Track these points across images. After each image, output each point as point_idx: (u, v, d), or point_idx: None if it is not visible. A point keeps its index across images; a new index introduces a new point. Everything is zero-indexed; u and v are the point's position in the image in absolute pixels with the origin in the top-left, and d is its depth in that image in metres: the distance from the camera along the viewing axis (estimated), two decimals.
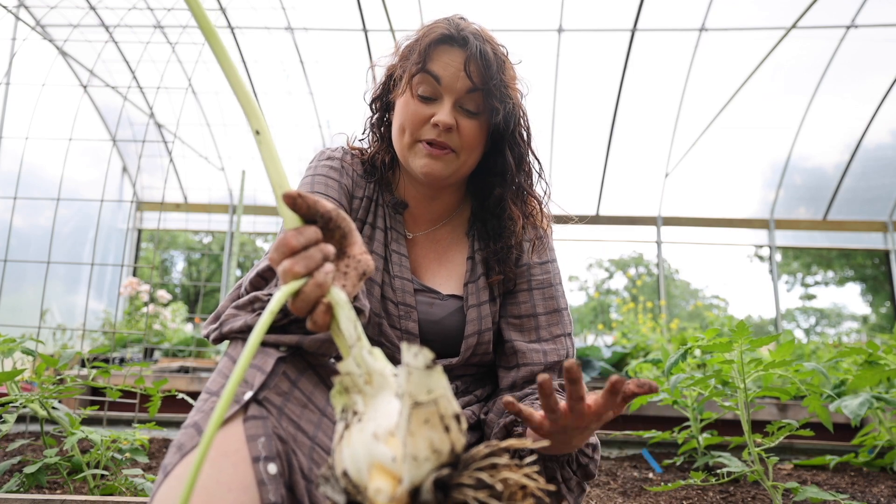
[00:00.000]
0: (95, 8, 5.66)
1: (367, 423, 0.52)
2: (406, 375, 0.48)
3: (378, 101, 1.13)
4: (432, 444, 0.46)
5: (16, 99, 5.55)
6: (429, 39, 1.01)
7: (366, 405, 0.54)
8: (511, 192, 1.08)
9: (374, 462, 0.48)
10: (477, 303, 1.07)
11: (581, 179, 7.53)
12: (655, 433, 2.07)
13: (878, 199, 7.27)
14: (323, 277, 0.59)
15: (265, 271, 0.81)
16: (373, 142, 1.15)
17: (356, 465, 0.49)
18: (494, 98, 1.00)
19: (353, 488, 0.48)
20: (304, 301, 0.58)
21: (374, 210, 1.11)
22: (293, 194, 0.61)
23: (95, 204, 6.57)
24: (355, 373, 0.56)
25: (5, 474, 1.61)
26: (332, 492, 0.51)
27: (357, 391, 0.55)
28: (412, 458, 0.46)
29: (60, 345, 5.33)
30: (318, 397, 0.76)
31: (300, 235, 0.60)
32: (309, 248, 0.60)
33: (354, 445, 0.50)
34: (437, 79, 1.00)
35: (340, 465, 0.50)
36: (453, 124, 0.99)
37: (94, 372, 1.70)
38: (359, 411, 0.54)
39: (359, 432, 0.51)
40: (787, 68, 6.46)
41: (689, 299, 20.22)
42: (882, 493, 1.73)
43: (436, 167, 1.01)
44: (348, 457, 0.50)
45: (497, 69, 1.00)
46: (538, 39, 6.25)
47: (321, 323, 0.59)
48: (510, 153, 1.06)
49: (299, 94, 6.91)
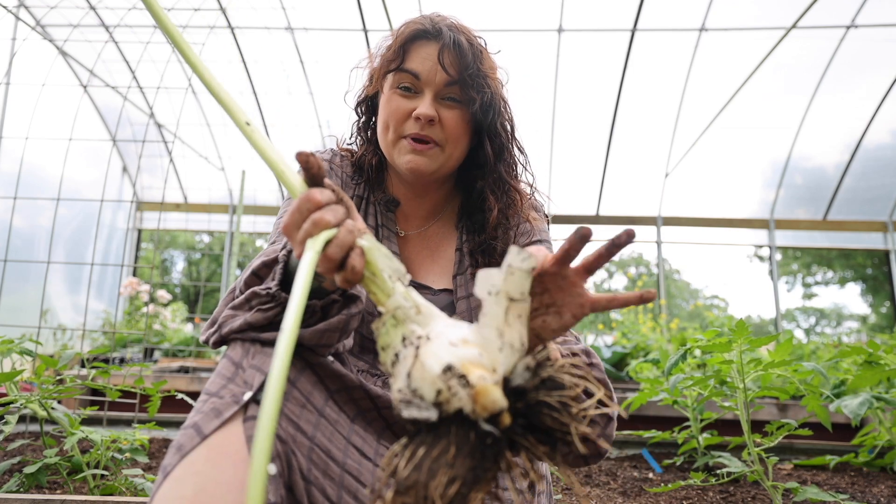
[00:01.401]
0: (95, 8, 5.65)
1: (438, 338, 0.55)
2: (506, 275, 0.55)
3: (363, 104, 1.14)
4: (521, 337, 0.54)
5: (16, 99, 5.55)
6: (404, 36, 1.02)
7: (425, 329, 0.57)
8: (490, 181, 1.08)
9: (464, 360, 0.51)
10: (466, 294, 1.07)
11: (581, 179, 7.53)
12: (655, 433, 2.07)
13: (878, 199, 7.27)
14: (352, 225, 0.60)
15: (260, 269, 0.80)
16: (360, 145, 1.16)
17: (452, 363, 0.51)
18: (471, 88, 1.00)
19: (448, 391, 0.49)
20: (338, 246, 0.59)
21: (366, 209, 1.11)
22: (306, 153, 0.61)
23: (95, 204, 6.57)
24: (405, 305, 0.59)
25: (5, 474, 1.62)
26: (420, 411, 0.51)
27: (411, 321, 0.58)
28: (509, 346, 0.53)
29: (61, 345, 5.33)
30: (317, 397, 0.76)
31: (323, 192, 0.61)
32: (332, 204, 0.62)
33: (439, 354, 0.52)
34: (415, 75, 1.00)
35: (430, 374, 0.51)
36: (435, 116, 0.99)
37: (94, 372, 1.70)
38: (422, 334, 0.56)
39: (435, 345, 0.54)
40: (787, 68, 6.46)
41: (689, 299, 20.23)
42: (882, 493, 1.73)
43: (421, 162, 1.01)
44: (436, 364, 0.51)
45: (473, 59, 1.00)
46: (538, 39, 6.25)
47: (359, 268, 0.60)
48: (490, 144, 1.06)
49: (299, 94, 6.91)
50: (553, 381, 0.50)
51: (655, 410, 2.70)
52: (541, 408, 0.49)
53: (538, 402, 0.49)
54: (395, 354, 0.57)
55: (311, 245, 0.58)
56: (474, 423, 0.48)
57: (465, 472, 0.47)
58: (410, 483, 0.47)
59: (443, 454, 0.48)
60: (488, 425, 0.48)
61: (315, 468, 0.70)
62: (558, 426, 0.49)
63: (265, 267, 0.80)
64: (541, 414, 0.49)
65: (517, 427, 0.49)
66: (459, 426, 0.49)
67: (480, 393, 0.48)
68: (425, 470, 0.47)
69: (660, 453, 2.38)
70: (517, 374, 0.51)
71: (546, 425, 0.49)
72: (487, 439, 0.48)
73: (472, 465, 0.48)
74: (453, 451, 0.48)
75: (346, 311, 0.77)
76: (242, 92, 6.86)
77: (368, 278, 0.61)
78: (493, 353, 0.53)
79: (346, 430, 0.77)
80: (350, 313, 0.77)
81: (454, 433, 0.49)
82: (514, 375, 0.51)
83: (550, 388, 0.50)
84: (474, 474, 0.48)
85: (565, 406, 0.49)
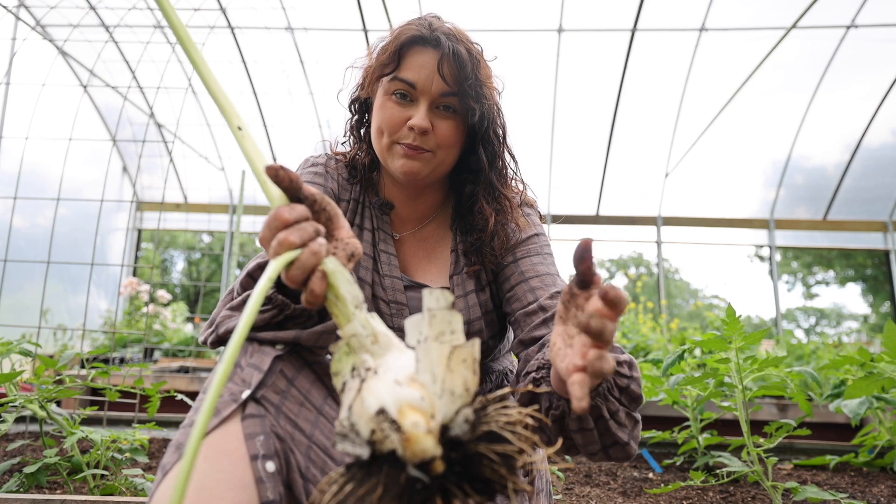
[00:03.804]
0: (95, 8, 5.66)
1: (385, 374, 0.54)
2: (429, 319, 0.52)
3: (356, 103, 1.14)
4: (465, 383, 0.51)
5: (16, 99, 5.55)
6: (401, 40, 1.01)
7: (376, 361, 0.56)
8: (482, 188, 1.09)
9: (403, 403, 0.50)
10: (463, 293, 1.08)
11: (581, 179, 7.53)
12: (655, 433, 2.07)
13: (879, 199, 7.27)
14: (317, 246, 0.59)
15: (254, 270, 0.81)
16: (353, 144, 1.16)
17: (386, 406, 0.50)
18: (470, 98, 1.00)
19: (381, 432, 0.49)
20: (300, 269, 0.59)
21: (361, 212, 1.12)
22: (276, 166, 0.62)
23: (95, 204, 6.57)
24: (361, 333, 0.58)
25: (5, 474, 1.62)
26: (354, 446, 0.51)
27: (364, 350, 0.57)
28: (450, 393, 0.50)
29: (61, 345, 5.33)
30: (315, 395, 0.76)
31: (292, 210, 0.61)
32: (301, 222, 0.61)
33: (379, 392, 0.51)
34: (411, 84, 1.00)
35: (367, 413, 0.50)
36: (429, 128, 0.99)
37: (94, 372, 1.70)
38: (371, 367, 0.55)
39: (379, 382, 0.53)
40: (787, 68, 6.47)
41: (689, 299, 20.23)
42: (882, 493, 1.73)
43: (414, 167, 1.01)
44: (374, 403, 0.50)
45: (472, 69, 1.00)
46: (538, 39, 6.25)
47: (319, 292, 0.59)
48: (483, 151, 1.06)
49: (299, 94, 6.91)
50: (495, 435, 0.48)
51: (655, 410, 2.70)
52: (480, 458, 0.48)
53: (476, 453, 0.48)
54: (343, 383, 0.56)
55: (271, 265, 0.57)
56: (405, 465, 0.48)
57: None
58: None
59: (369, 493, 0.47)
60: (418, 471, 0.47)
61: (313, 466, 0.70)
62: (497, 478, 0.47)
63: (260, 269, 0.81)
64: (480, 465, 0.47)
65: (451, 475, 0.47)
66: (391, 467, 0.48)
67: (410, 440, 0.47)
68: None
69: (660, 453, 2.38)
70: (456, 424, 0.49)
71: (484, 476, 0.47)
72: (417, 484, 0.47)
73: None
74: (380, 492, 0.47)
75: None
76: (242, 92, 6.87)
77: (331, 300, 0.60)
78: (433, 398, 0.51)
79: None
80: None
81: (385, 473, 0.48)
82: (453, 425, 0.49)
83: (492, 440, 0.48)
84: None
85: (506, 459, 0.47)
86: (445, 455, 0.47)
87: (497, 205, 1.09)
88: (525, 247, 1.09)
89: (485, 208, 1.07)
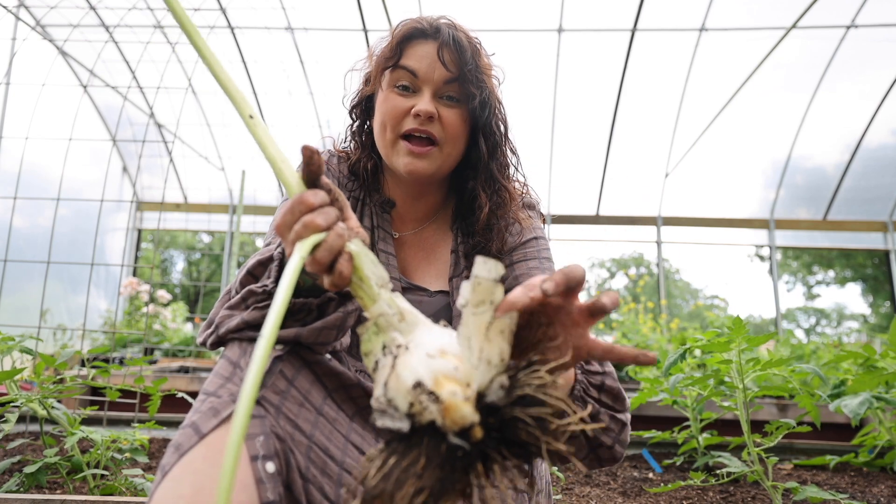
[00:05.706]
0: (95, 8, 5.66)
1: (416, 349, 0.55)
2: (473, 286, 0.53)
3: (358, 108, 1.13)
4: (501, 353, 0.52)
5: (16, 99, 5.55)
6: (401, 35, 1.02)
7: (406, 338, 0.57)
8: (482, 179, 1.08)
9: (438, 374, 0.51)
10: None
11: (581, 179, 7.53)
12: (655, 433, 2.07)
13: (879, 199, 7.27)
14: (342, 229, 0.60)
15: (255, 267, 0.80)
16: (354, 149, 1.15)
17: (422, 378, 0.51)
18: (471, 84, 1.00)
19: (420, 404, 0.50)
20: (327, 251, 0.60)
21: (361, 210, 1.11)
22: (312, 148, 0.61)
23: (95, 204, 6.57)
24: (388, 312, 0.59)
25: (5, 474, 1.62)
26: (393, 421, 0.52)
27: (393, 328, 0.58)
28: (486, 361, 0.51)
29: (61, 345, 5.33)
30: (315, 396, 0.76)
31: (316, 195, 0.61)
32: (325, 206, 0.62)
33: (413, 366, 0.52)
34: (413, 72, 1.00)
35: (403, 387, 0.51)
36: (434, 113, 0.99)
37: (94, 372, 1.70)
38: (402, 343, 0.56)
39: (412, 357, 0.54)
40: (787, 68, 6.46)
41: (690, 299, 20.23)
42: (882, 493, 1.73)
43: (420, 165, 1.01)
44: (410, 377, 0.51)
45: (471, 55, 1.01)
46: (538, 39, 6.25)
47: (346, 273, 0.60)
48: (484, 142, 1.06)
49: (299, 94, 6.91)
50: (529, 398, 0.49)
51: (655, 410, 2.70)
52: (515, 423, 0.49)
53: (513, 417, 0.49)
54: (375, 362, 0.57)
55: (299, 248, 0.58)
56: (445, 435, 0.49)
57: (432, 484, 0.47)
58: (377, 492, 0.47)
59: (412, 465, 0.48)
60: (458, 439, 0.48)
61: (313, 466, 0.70)
62: (533, 440, 0.48)
63: (260, 265, 0.80)
64: (516, 429, 0.49)
65: (490, 441, 0.49)
66: (431, 437, 0.49)
67: (449, 409, 0.48)
68: (393, 480, 0.48)
69: (660, 453, 2.38)
70: (492, 391, 0.50)
71: (521, 439, 0.49)
72: (458, 452, 0.48)
73: (441, 476, 0.48)
74: (423, 463, 0.48)
75: (342, 309, 0.77)
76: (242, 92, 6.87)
77: (356, 283, 0.61)
78: (468, 366, 0.52)
79: (344, 428, 0.77)
80: (347, 311, 0.77)
81: (426, 444, 0.49)
82: (489, 392, 0.50)
83: (526, 404, 0.49)
84: (442, 486, 0.48)
85: (541, 422, 0.48)
86: (483, 421, 0.48)
87: (497, 197, 1.08)
88: (523, 250, 1.09)
89: (483, 200, 1.06)
